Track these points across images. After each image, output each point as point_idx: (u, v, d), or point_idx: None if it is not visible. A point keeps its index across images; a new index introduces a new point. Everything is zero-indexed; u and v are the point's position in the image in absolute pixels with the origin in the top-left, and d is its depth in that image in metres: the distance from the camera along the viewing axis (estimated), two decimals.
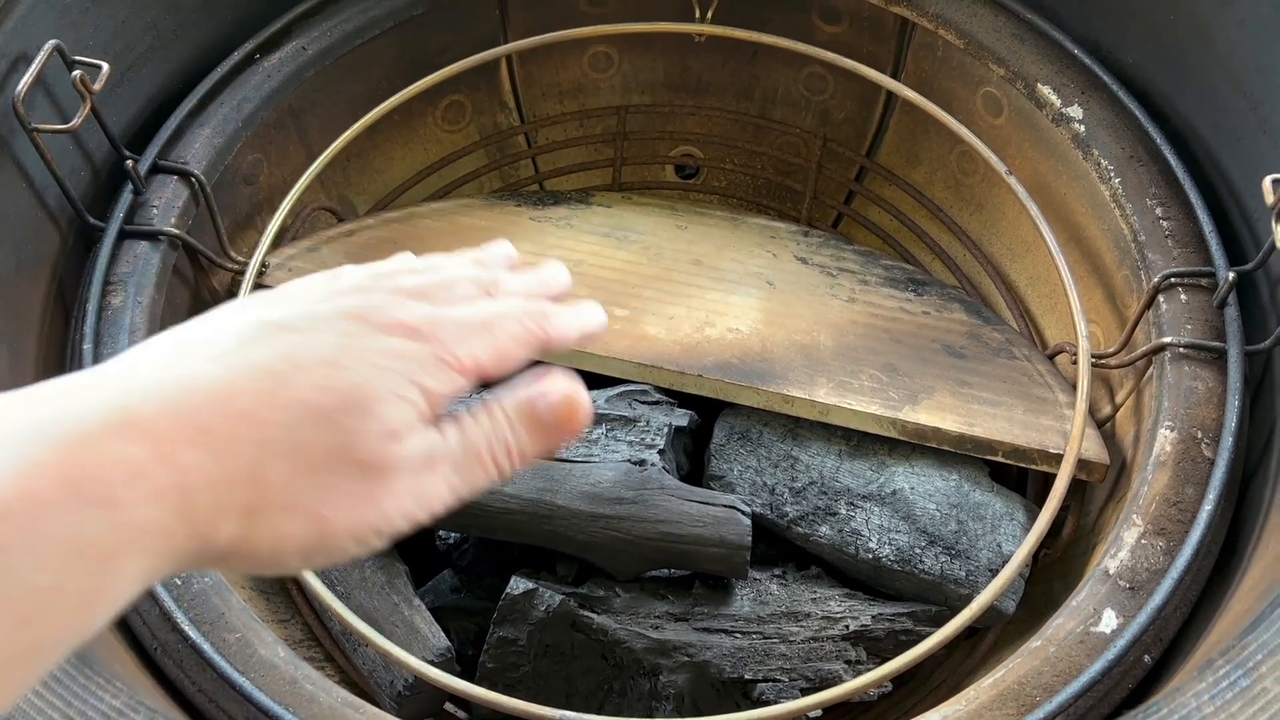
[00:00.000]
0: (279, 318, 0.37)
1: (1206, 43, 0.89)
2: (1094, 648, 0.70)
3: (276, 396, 0.35)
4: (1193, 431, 0.79)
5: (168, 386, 0.34)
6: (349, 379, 0.36)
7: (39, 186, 0.84)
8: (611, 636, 0.80)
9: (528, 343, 0.44)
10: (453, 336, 0.40)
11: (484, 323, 0.42)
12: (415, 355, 0.39)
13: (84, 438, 0.31)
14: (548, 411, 0.43)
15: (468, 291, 0.44)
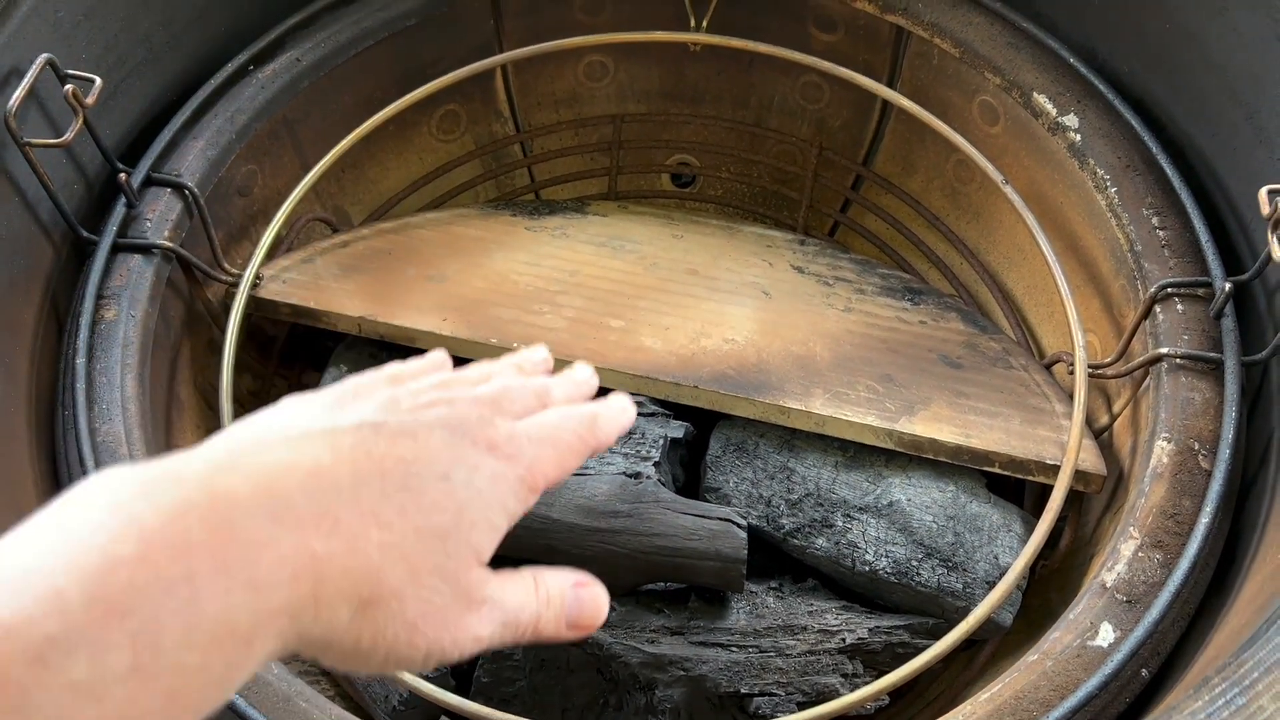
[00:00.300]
0: (387, 420, 0.40)
1: (1202, 52, 0.88)
2: (1091, 662, 0.70)
3: (400, 504, 0.37)
4: (1190, 443, 0.79)
5: (306, 474, 0.35)
6: (458, 500, 0.39)
7: (31, 200, 0.84)
8: (607, 651, 0.80)
9: (582, 452, 0.48)
10: (530, 455, 0.44)
11: (549, 437, 0.46)
12: (505, 477, 0.42)
13: (236, 519, 0.32)
14: (580, 617, 0.46)
15: (529, 403, 0.48)
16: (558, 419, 0.47)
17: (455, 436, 0.41)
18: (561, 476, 0.46)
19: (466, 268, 1.04)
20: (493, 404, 0.45)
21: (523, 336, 0.96)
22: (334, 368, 1.00)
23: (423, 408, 0.42)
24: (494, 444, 0.42)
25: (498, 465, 0.42)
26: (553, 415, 0.48)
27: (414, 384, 0.45)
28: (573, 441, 0.47)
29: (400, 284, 1.01)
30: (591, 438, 0.48)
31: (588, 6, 1.16)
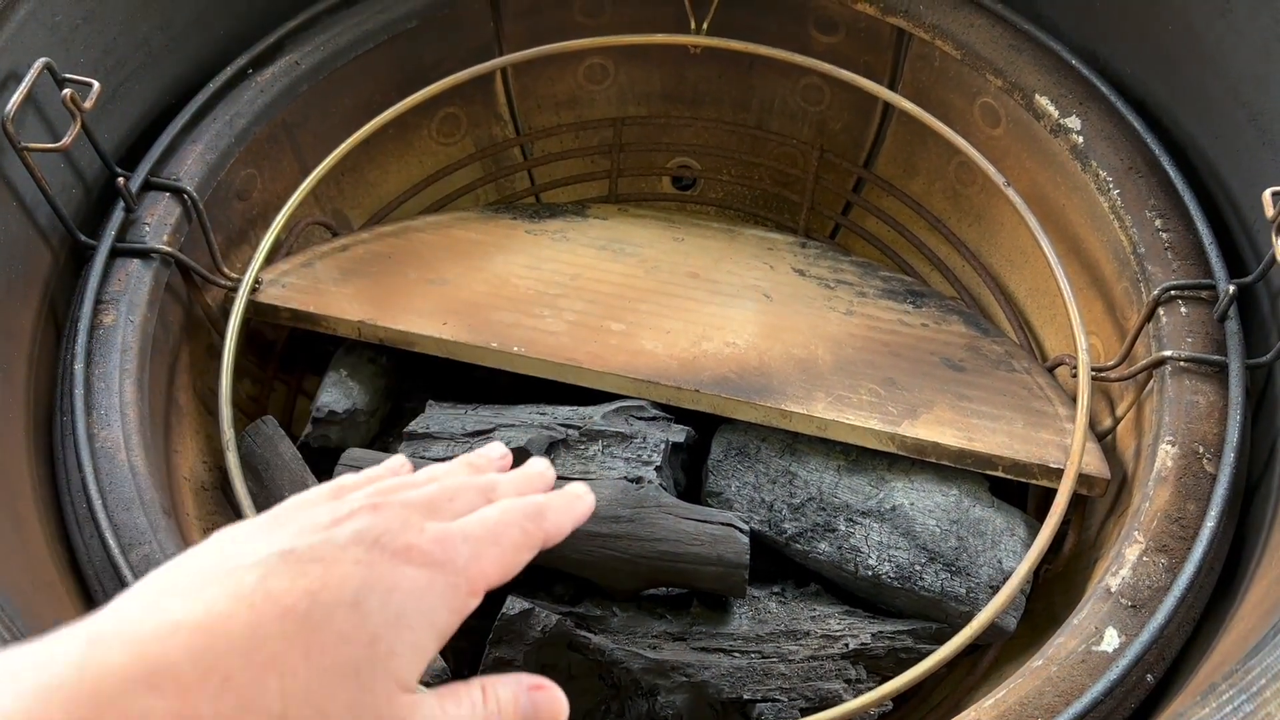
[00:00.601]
0: (295, 546, 0.37)
1: (1204, 54, 0.88)
2: (1096, 667, 0.69)
3: (302, 644, 0.34)
4: (1194, 446, 0.78)
5: (192, 630, 0.33)
6: (370, 629, 0.36)
7: (29, 205, 0.83)
8: (609, 656, 0.80)
9: (529, 546, 0.45)
10: (465, 556, 0.41)
11: (490, 534, 0.43)
12: (433, 588, 0.39)
13: (111, 695, 0.30)
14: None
15: (472, 500, 0.45)
16: (498, 513, 0.44)
17: (372, 552, 0.38)
18: (506, 576, 0.43)
19: (467, 271, 1.03)
20: (426, 506, 0.43)
21: (524, 340, 0.96)
22: (334, 372, 0.99)
23: (343, 520, 0.39)
24: (417, 552, 0.39)
25: (422, 576, 0.39)
26: (494, 510, 0.45)
27: (354, 494, 0.43)
28: (517, 537, 0.44)
29: (400, 288, 1.01)
30: (538, 530, 0.45)
31: (588, 9, 1.16)
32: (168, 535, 0.77)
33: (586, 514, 0.51)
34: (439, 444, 0.90)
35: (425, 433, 0.91)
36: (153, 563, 0.74)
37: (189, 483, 0.92)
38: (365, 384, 0.99)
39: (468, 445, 0.90)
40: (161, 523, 0.77)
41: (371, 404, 0.99)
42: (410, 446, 0.91)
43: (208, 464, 0.96)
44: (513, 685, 0.43)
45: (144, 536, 0.75)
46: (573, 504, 0.50)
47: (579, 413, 0.92)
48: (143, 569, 0.74)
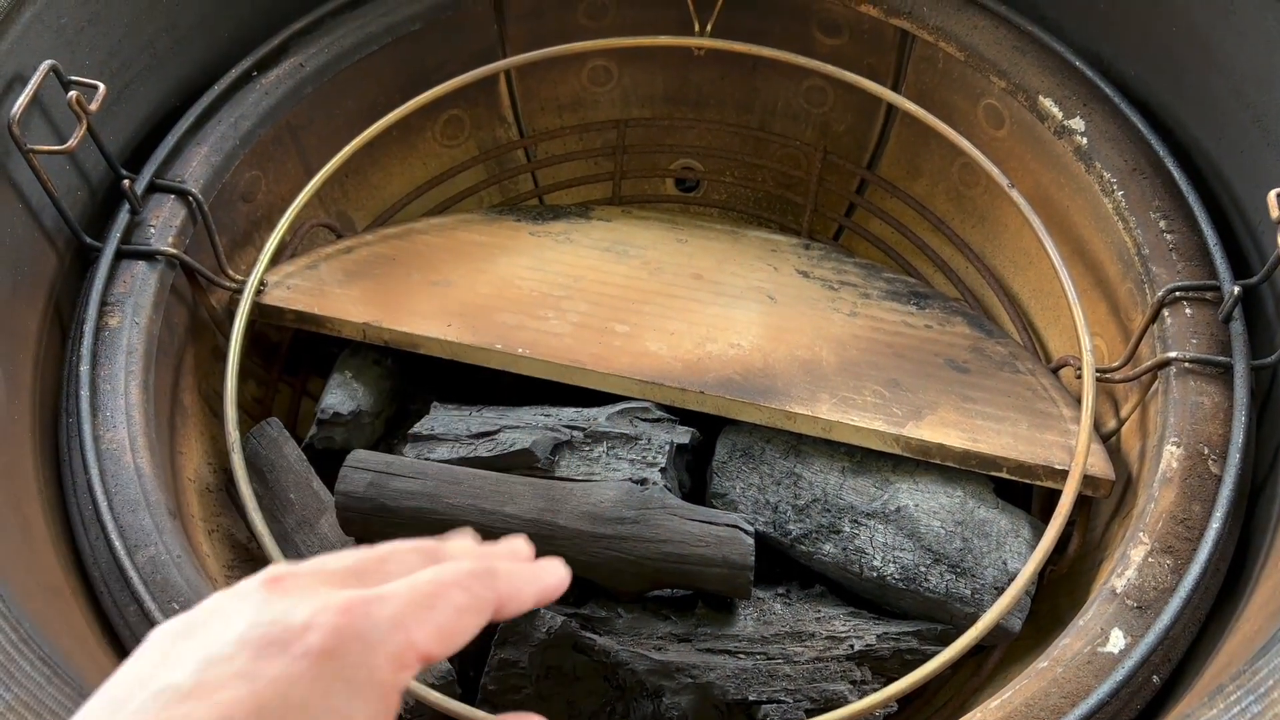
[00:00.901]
0: (180, 683, 0.31)
1: (1208, 55, 0.88)
2: (1102, 668, 0.69)
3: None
4: (1199, 447, 0.78)
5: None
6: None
7: (35, 207, 0.83)
8: (614, 658, 0.80)
9: (478, 610, 0.37)
10: (384, 627, 0.34)
11: (425, 597, 0.35)
12: (332, 687, 0.32)
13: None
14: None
15: (407, 561, 0.38)
16: (442, 574, 0.37)
17: (260, 658, 0.32)
18: (448, 645, 0.36)
19: (471, 273, 1.04)
20: (344, 575, 0.36)
21: (528, 342, 0.96)
22: (338, 374, 0.99)
23: (235, 615, 0.34)
24: (314, 630, 0.32)
25: (317, 669, 0.32)
26: (428, 572, 0.37)
27: (281, 583, 0.36)
28: (462, 600, 0.36)
29: (405, 290, 1.01)
30: (488, 592, 0.37)
31: (591, 11, 1.16)
32: (173, 537, 0.77)
33: (555, 589, 0.42)
34: (444, 445, 0.91)
35: (430, 434, 0.91)
36: (158, 564, 0.74)
37: (194, 484, 0.92)
38: (370, 386, 0.99)
39: (472, 447, 0.90)
40: (167, 524, 0.77)
41: (376, 406, 0.99)
42: (415, 448, 0.91)
43: (212, 465, 0.96)
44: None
45: (149, 538, 0.76)
46: (538, 573, 0.41)
47: (584, 414, 0.92)
48: (148, 570, 0.74)
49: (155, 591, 0.73)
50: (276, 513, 0.91)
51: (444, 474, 0.85)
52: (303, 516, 0.90)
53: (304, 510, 0.91)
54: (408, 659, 0.34)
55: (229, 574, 0.89)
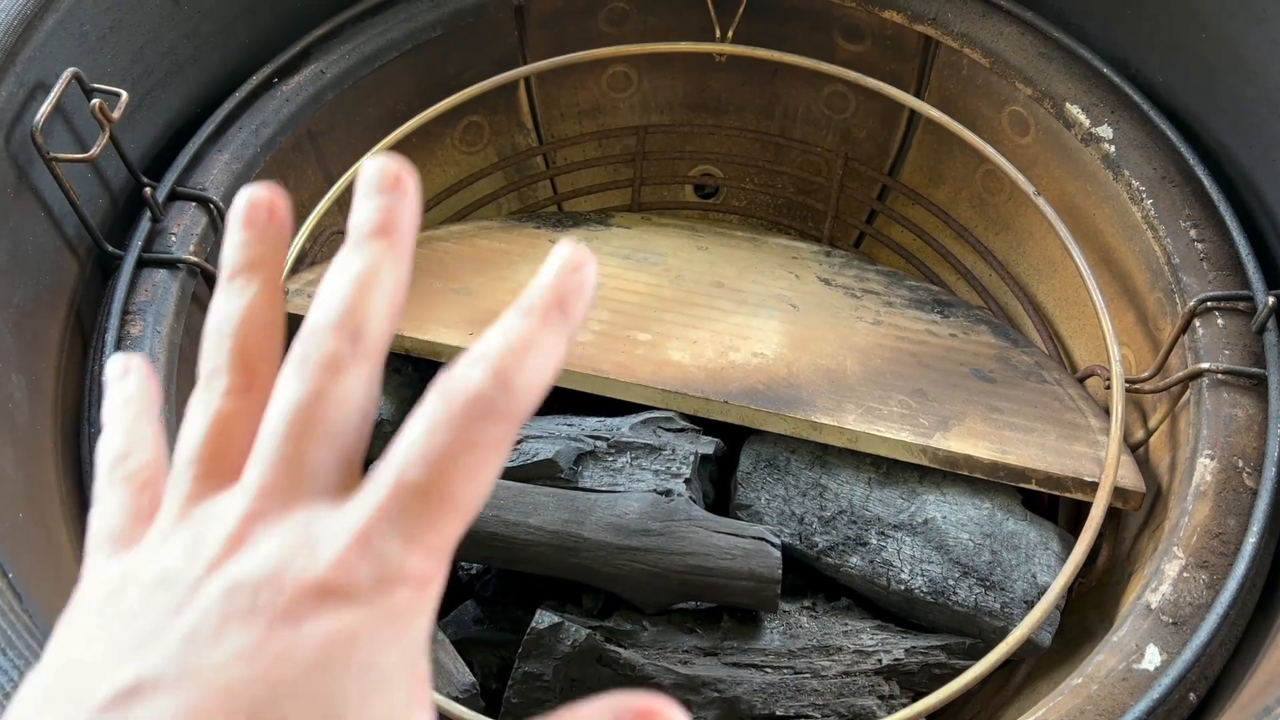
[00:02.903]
0: (142, 679, 0.23)
1: (1238, 61, 0.87)
2: (1137, 686, 0.68)
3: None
4: (1234, 460, 0.77)
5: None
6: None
7: (57, 215, 0.83)
8: (639, 671, 0.79)
9: (498, 442, 0.26)
10: (394, 549, 0.24)
11: (435, 468, 0.25)
12: (368, 639, 0.24)
13: None
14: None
15: (357, 389, 0.28)
16: (427, 428, 0.26)
17: (252, 632, 0.23)
18: (476, 504, 0.26)
19: (492, 281, 1.03)
20: (290, 465, 0.26)
21: None
22: None
23: (200, 588, 0.24)
24: (321, 589, 0.24)
25: (343, 625, 0.23)
26: (424, 421, 0.26)
27: (196, 523, 0.27)
28: (481, 440, 0.25)
29: (425, 297, 1.00)
30: (565, 322, 0.28)
31: (611, 18, 1.15)
32: None
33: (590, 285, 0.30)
34: None
35: None
36: None
37: None
38: (390, 394, 0.98)
39: None
40: None
41: (397, 414, 0.98)
42: None
43: None
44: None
45: None
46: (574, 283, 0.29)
47: (606, 424, 0.92)
48: None
49: None
50: None
51: None
52: None
53: None
54: (431, 570, 0.25)
55: None
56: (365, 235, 0.30)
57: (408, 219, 0.30)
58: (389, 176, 0.31)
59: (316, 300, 0.29)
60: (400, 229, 0.30)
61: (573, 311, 0.29)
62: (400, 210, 0.30)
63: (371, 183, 0.31)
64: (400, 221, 0.30)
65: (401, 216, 0.30)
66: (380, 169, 0.30)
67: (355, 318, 0.28)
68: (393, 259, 0.30)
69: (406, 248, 0.30)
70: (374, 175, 0.31)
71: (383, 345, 0.29)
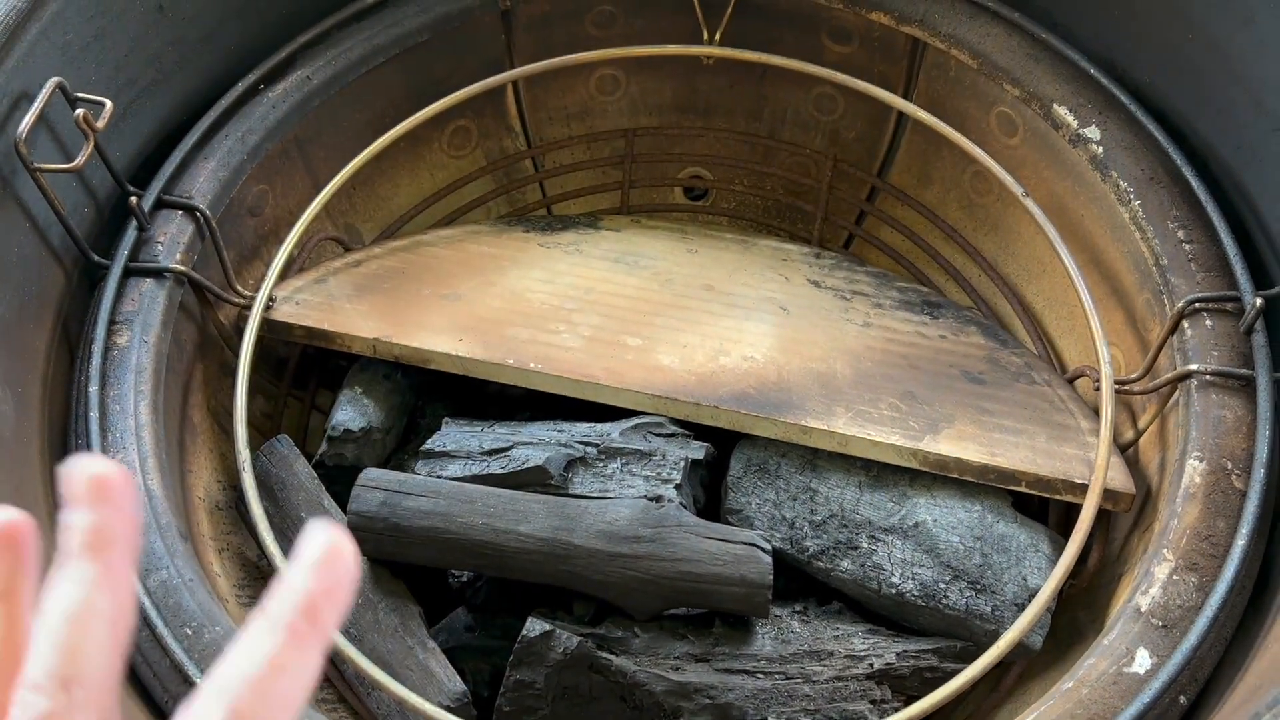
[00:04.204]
0: None
1: (1226, 63, 0.87)
2: (1128, 689, 0.68)
3: None
4: (1222, 462, 0.77)
5: None
6: None
7: (42, 225, 0.82)
8: (631, 678, 0.79)
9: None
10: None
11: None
12: None
13: None
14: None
15: None
16: None
17: None
18: None
19: (481, 286, 1.03)
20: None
21: (540, 356, 0.95)
22: (348, 389, 0.99)
23: None
24: None
25: None
26: None
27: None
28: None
29: (414, 303, 1.00)
30: (316, 635, 0.29)
31: (599, 21, 1.15)
32: (185, 560, 0.76)
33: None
34: (456, 462, 0.90)
35: (442, 451, 0.91)
36: (170, 588, 0.74)
37: (204, 503, 0.91)
38: (380, 401, 0.98)
39: (485, 464, 0.89)
40: (178, 547, 0.76)
41: (386, 421, 0.98)
42: (428, 465, 0.90)
43: (222, 483, 0.95)
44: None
45: (161, 561, 0.75)
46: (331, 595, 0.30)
47: (597, 430, 0.91)
48: (160, 595, 0.73)
49: (167, 616, 0.72)
50: (288, 531, 0.90)
51: (457, 492, 0.84)
52: None
53: None
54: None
55: (240, 593, 0.88)
56: (75, 556, 0.29)
57: (122, 531, 0.30)
58: (95, 485, 0.30)
59: (34, 639, 0.28)
60: (114, 544, 0.29)
61: (324, 620, 0.29)
62: (112, 525, 0.29)
63: (76, 492, 0.30)
64: (113, 537, 0.29)
65: (113, 531, 0.29)
66: (84, 476, 0.30)
67: (71, 664, 0.28)
68: (108, 582, 0.29)
69: (123, 564, 0.29)
70: (78, 483, 0.30)
71: (105, 686, 0.28)
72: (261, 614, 0.29)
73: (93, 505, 0.30)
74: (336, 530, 0.30)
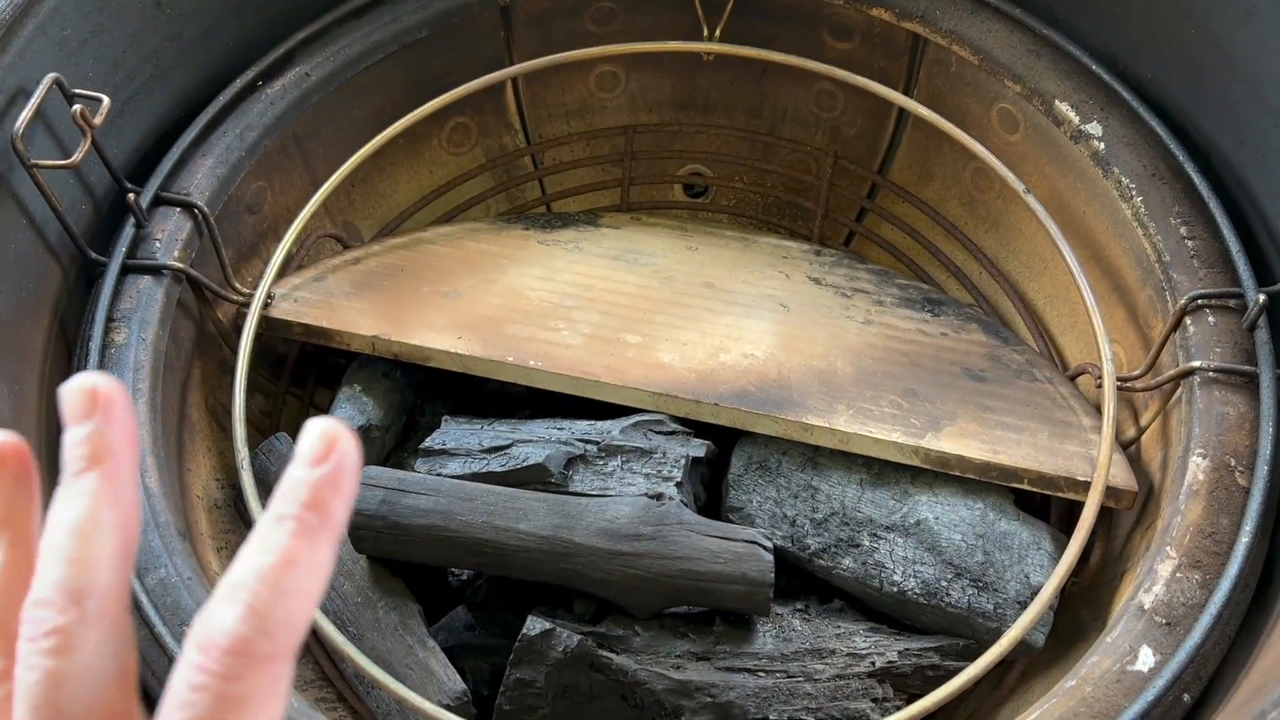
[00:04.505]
0: None
1: (1227, 58, 0.87)
2: (1131, 687, 0.68)
3: None
4: (1226, 459, 0.77)
5: None
6: None
7: (39, 222, 0.82)
8: (631, 677, 0.78)
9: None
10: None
11: None
12: None
13: None
14: None
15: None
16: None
17: None
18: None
19: (480, 284, 1.02)
20: None
21: (540, 354, 0.95)
22: (347, 387, 0.98)
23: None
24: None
25: None
26: None
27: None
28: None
29: (413, 301, 0.99)
30: (325, 525, 0.29)
31: (598, 17, 1.15)
32: (183, 558, 0.75)
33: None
34: (456, 460, 0.89)
35: (441, 449, 0.90)
36: (169, 586, 0.73)
37: (202, 501, 0.91)
38: (379, 399, 0.98)
39: (485, 462, 0.88)
40: (177, 545, 0.76)
41: (386, 419, 0.97)
42: (427, 463, 0.89)
43: (220, 482, 0.94)
44: None
45: (159, 560, 0.74)
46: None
47: (597, 427, 0.91)
48: (159, 593, 0.73)
49: (166, 614, 0.72)
50: None
51: (457, 490, 0.84)
52: None
53: None
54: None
55: None
56: (75, 471, 0.30)
57: (120, 441, 0.30)
58: (90, 397, 0.30)
59: (39, 557, 0.28)
60: (113, 454, 0.30)
61: (332, 509, 0.29)
62: (108, 435, 0.30)
63: (73, 408, 0.30)
64: (111, 446, 0.30)
65: (110, 440, 0.30)
66: (80, 390, 0.30)
67: (79, 577, 0.28)
68: (110, 492, 0.29)
69: (124, 473, 0.30)
70: (74, 399, 0.30)
71: (115, 596, 0.28)
72: (268, 513, 0.29)
73: (89, 418, 0.30)
74: (332, 421, 0.30)
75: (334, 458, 0.29)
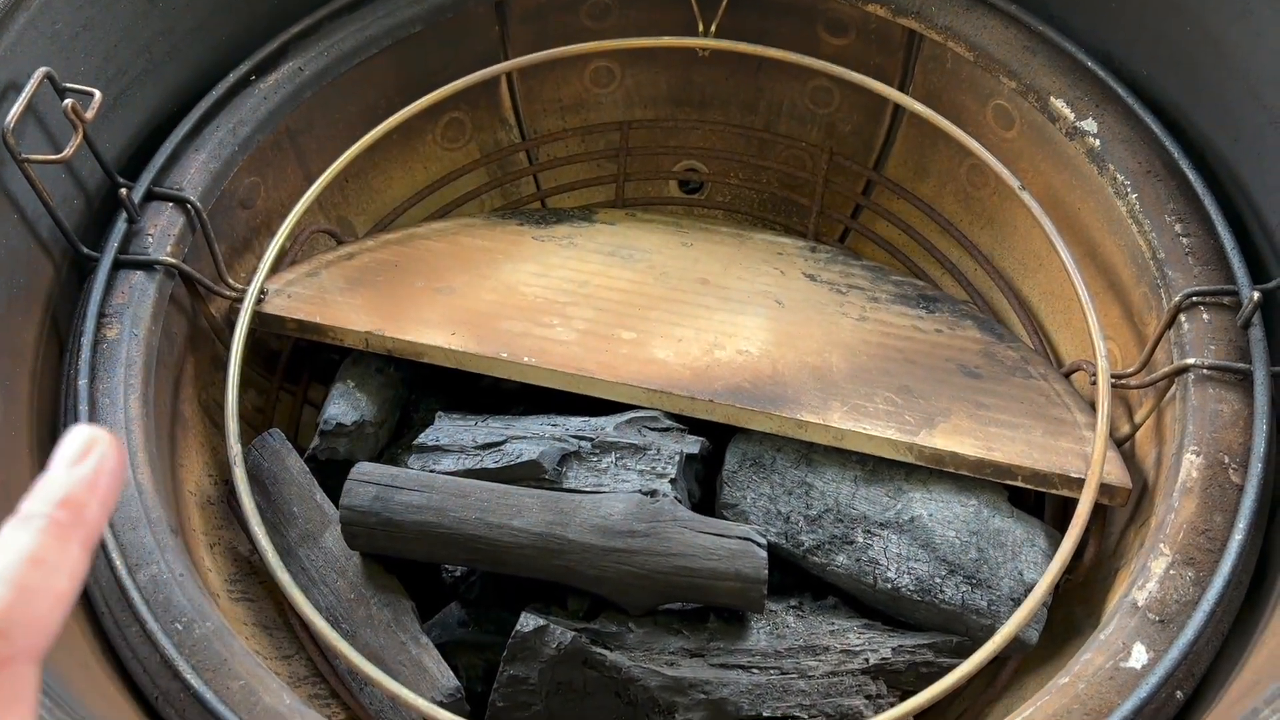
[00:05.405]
0: None
1: (1222, 56, 0.87)
2: (1124, 684, 0.68)
3: None
4: (1219, 456, 0.77)
5: None
6: None
7: (30, 217, 0.82)
8: (625, 674, 0.78)
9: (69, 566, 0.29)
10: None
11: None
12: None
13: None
14: None
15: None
16: None
17: None
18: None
19: (474, 279, 1.02)
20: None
21: (534, 350, 0.94)
22: (341, 383, 0.98)
23: None
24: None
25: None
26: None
27: None
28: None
29: (408, 297, 0.99)
30: (78, 525, 0.29)
31: (594, 12, 1.14)
32: (175, 554, 0.75)
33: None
34: (449, 456, 0.89)
35: (435, 445, 0.90)
36: (160, 583, 0.73)
37: (195, 497, 0.91)
38: (373, 395, 0.97)
39: (479, 458, 0.88)
40: (169, 541, 0.76)
41: (379, 415, 0.97)
42: (420, 460, 0.89)
43: (213, 477, 0.94)
44: None
45: (151, 556, 0.74)
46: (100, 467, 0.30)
47: (591, 424, 0.91)
48: (150, 590, 0.73)
49: (157, 611, 0.72)
50: (279, 526, 0.89)
51: (450, 487, 0.84)
52: (306, 530, 0.89)
53: (307, 524, 0.89)
54: None
55: (231, 589, 0.87)
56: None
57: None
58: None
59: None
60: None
61: (86, 509, 0.28)
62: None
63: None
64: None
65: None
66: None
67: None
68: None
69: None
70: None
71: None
72: (16, 513, 0.28)
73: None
74: (95, 428, 0.30)
75: (92, 459, 0.29)
